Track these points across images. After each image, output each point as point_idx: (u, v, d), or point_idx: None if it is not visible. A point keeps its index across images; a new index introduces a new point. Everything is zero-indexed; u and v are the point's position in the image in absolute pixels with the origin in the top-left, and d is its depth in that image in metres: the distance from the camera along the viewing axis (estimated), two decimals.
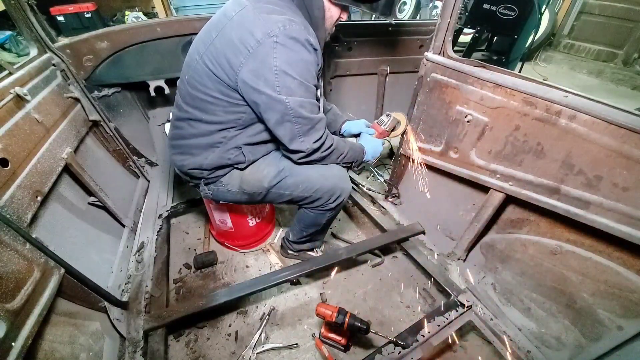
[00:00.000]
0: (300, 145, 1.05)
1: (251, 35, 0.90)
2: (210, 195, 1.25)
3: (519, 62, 2.86)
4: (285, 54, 0.90)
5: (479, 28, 2.85)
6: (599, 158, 0.92)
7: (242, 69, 0.93)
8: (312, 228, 1.40)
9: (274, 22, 0.89)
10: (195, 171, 1.17)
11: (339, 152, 1.18)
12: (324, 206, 1.25)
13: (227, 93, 1.00)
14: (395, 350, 1.11)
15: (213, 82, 0.99)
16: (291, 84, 0.94)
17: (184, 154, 1.16)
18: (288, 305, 1.44)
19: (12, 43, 3.90)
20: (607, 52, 4.25)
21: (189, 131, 1.12)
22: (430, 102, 1.36)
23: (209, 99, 1.02)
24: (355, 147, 1.26)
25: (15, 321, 0.76)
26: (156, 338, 1.14)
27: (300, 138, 1.04)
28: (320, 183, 1.19)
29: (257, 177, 1.17)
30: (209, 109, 1.04)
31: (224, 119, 1.06)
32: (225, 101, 1.01)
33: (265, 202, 1.29)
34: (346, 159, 1.22)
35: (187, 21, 1.67)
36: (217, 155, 1.12)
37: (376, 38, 1.96)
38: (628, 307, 0.98)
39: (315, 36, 0.98)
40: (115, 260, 1.39)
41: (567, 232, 1.10)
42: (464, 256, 1.46)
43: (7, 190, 0.91)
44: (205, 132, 1.09)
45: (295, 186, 1.19)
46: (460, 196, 1.43)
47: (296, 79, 0.94)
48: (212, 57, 0.98)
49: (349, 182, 1.26)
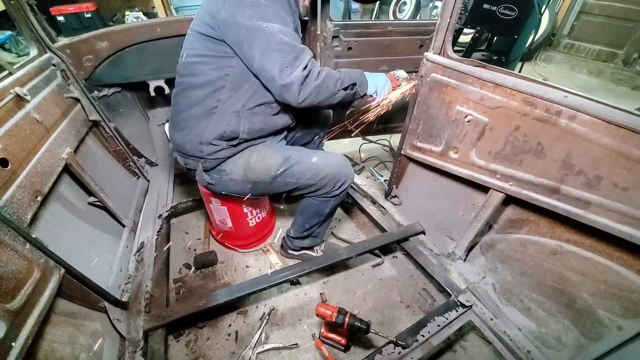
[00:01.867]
0: (290, 77, 1.01)
1: None
2: (212, 184, 1.24)
3: (519, 62, 2.86)
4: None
5: (479, 28, 2.84)
6: (599, 158, 0.92)
7: (220, 12, 1.00)
8: (315, 219, 1.40)
9: None
10: (195, 149, 1.17)
11: (333, 76, 1.11)
12: (329, 193, 1.27)
13: (213, 48, 1.06)
14: (395, 350, 1.11)
15: (200, 41, 1.07)
16: (266, 12, 0.99)
17: (184, 129, 1.18)
18: (288, 305, 1.44)
19: (12, 43, 3.90)
20: (607, 52, 4.25)
21: (184, 102, 1.16)
22: (430, 102, 1.36)
23: (198, 60, 1.09)
24: (350, 71, 1.18)
25: (15, 321, 0.76)
26: (156, 338, 1.14)
27: (288, 69, 1.01)
28: (325, 170, 1.21)
29: (263, 165, 1.19)
30: (199, 70, 1.10)
31: (214, 76, 1.09)
32: (212, 56, 1.07)
33: (268, 192, 1.29)
34: (345, 82, 1.14)
35: (187, 21, 1.65)
36: (215, 123, 1.13)
37: (376, 38, 1.96)
38: (628, 307, 0.98)
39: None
40: (115, 260, 1.38)
41: (567, 232, 1.11)
42: (464, 256, 1.46)
43: (7, 190, 0.91)
44: (199, 98, 1.12)
45: (302, 174, 1.21)
46: (460, 196, 1.43)
47: (270, 7, 1.00)
48: (198, 21, 1.09)
49: (351, 168, 1.30)
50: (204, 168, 1.21)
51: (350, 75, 1.17)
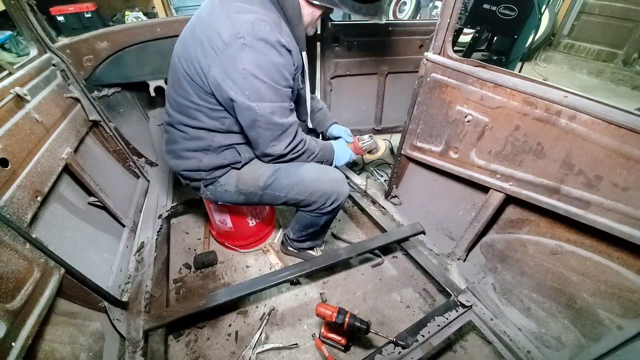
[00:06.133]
0: (273, 149, 1.05)
1: (218, 36, 0.86)
2: (210, 197, 1.25)
3: (519, 62, 2.86)
4: (254, 56, 0.87)
5: (479, 28, 2.84)
6: (599, 158, 0.92)
7: (210, 71, 0.90)
8: (311, 228, 1.40)
9: (241, 22, 0.85)
10: (193, 173, 1.17)
11: (310, 152, 1.17)
12: (320, 209, 1.24)
13: (205, 98, 0.98)
14: (395, 350, 1.11)
15: (191, 87, 0.98)
16: (260, 87, 0.90)
17: (179, 158, 1.16)
18: (288, 305, 1.44)
19: (12, 43, 3.89)
20: (607, 52, 4.25)
21: (179, 135, 1.12)
22: (430, 102, 1.36)
23: (191, 105, 1.01)
24: (326, 148, 1.25)
25: (15, 321, 0.76)
26: (156, 338, 1.14)
27: (272, 143, 1.03)
28: (314, 187, 1.17)
29: (253, 176, 1.16)
30: (192, 114, 1.04)
31: (208, 124, 1.04)
32: (205, 107, 1.00)
33: (262, 204, 1.29)
34: (316, 159, 1.22)
35: (187, 21, 1.64)
36: (211, 157, 1.12)
37: (376, 38, 1.96)
38: (628, 307, 0.98)
39: (290, 35, 0.95)
40: (115, 260, 1.38)
41: (567, 232, 1.11)
42: (464, 256, 1.46)
43: (7, 190, 0.91)
44: (193, 136, 1.08)
45: (290, 188, 1.17)
46: (460, 196, 1.43)
47: (265, 82, 0.90)
48: (187, 60, 0.96)
49: (346, 185, 1.24)
50: (203, 184, 1.21)
51: (323, 154, 1.24)
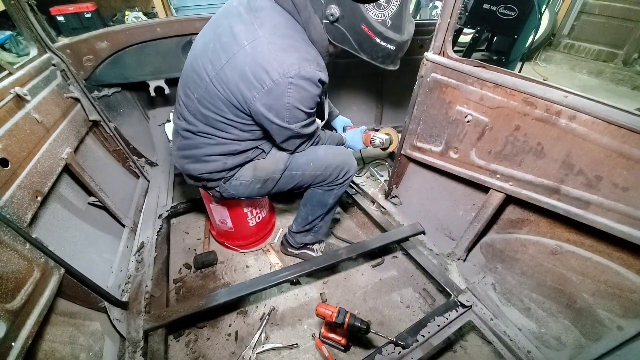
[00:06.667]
0: (298, 149, 1.23)
1: (266, 74, 0.92)
2: (230, 192, 1.26)
3: (519, 62, 2.86)
4: (298, 93, 0.97)
5: (479, 28, 2.84)
6: (599, 158, 0.92)
7: (255, 102, 0.97)
8: (319, 210, 1.42)
9: (289, 63, 0.92)
10: (216, 174, 1.20)
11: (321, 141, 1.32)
12: (333, 182, 1.31)
13: (242, 116, 1.05)
14: (395, 350, 1.11)
15: (228, 107, 1.03)
16: (300, 115, 1.03)
17: (200, 162, 1.18)
18: (288, 305, 1.44)
19: (12, 43, 3.89)
20: (607, 52, 4.25)
21: (202, 141, 1.13)
22: (430, 102, 1.36)
23: (225, 121, 1.06)
24: (333, 137, 1.39)
25: (15, 321, 0.76)
26: (156, 338, 1.14)
27: (300, 147, 1.22)
28: (328, 160, 1.27)
29: (272, 161, 1.24)
30: (223, 128, 1.09)
31: (240, 136, 1.12)
32: (239, 123, 1.07)
33: (276, 189, 1.31)
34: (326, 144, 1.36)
35: (187, 21, 1.67)
36: (236, 158, 1.18)
37: None
38: (628, 307, 0.98)
39: (325, 68, 1.03)
40: (115, 260, 1.38)
41: (567, 232, 1.11)
42: (464, 256, 1.46)
43: (7, 190, 0.91)
44: (220, 142, 1.13)
45: (307, 164, 1.25)
46: (460, 196, 1.43)
47: (304, 111, 1.03)
48: (224, 84, 0.98)
49: (354, 159, 1.35)
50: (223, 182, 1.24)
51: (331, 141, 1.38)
